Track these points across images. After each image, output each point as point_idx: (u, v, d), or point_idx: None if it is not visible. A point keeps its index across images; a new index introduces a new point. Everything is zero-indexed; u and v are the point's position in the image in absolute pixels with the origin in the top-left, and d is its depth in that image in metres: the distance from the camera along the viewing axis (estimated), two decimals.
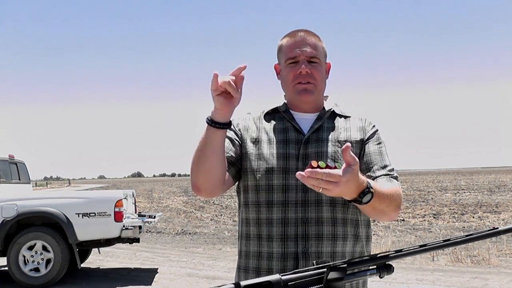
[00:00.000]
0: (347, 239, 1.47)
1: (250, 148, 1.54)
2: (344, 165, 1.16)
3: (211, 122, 1.34)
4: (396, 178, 1.50)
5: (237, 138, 1.55)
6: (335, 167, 1.16)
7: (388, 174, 1.49)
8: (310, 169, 1.14)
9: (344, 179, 1.15)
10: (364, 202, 1.28)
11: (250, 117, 1.62)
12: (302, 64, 1.48)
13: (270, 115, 1.60)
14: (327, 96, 1.64)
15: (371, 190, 1.28)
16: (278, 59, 1.59)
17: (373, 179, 1.45)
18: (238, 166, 1.54)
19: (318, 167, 1.15)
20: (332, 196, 1.32)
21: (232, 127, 1.52)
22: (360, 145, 1.53)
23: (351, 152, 1.16)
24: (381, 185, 1.39)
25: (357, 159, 1.18)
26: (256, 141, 1.54)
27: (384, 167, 1.50)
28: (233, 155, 1.52)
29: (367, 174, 1.47)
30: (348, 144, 1.15)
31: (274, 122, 1.57)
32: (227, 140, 1.50)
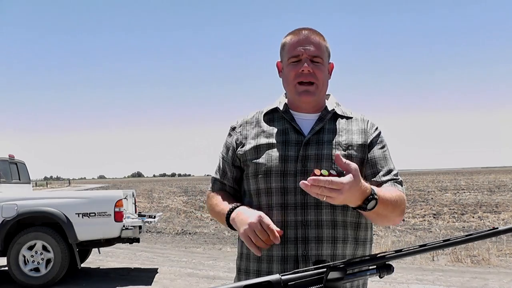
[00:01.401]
0: (347, 242, 1.45)
1: (250, 153, 1.52)
2: (345, 173, 1.18)
3: (230, 227, 1.45)
4: (400, 183, 1.49)
5: (232, 159, 1.58)
6: (338, 175, 1.18)
7: (393, 179, 1.48)
8: (313, 177, 1.15)
9: (347, 186, 1.16)
10: (369, 209, 1.28)
11: (248, 119, 1.60)
12: (304, 62, 1.46)
13: (269, 115, 1.58)
14: (329, 95, 1.61)
15: (375, 196, 1.28)
16: (281, 56, 1.57)
17: (379, 184, 1.45)
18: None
19: (321, 175, 1.16)
20: (336, 203, 1.32)
21: (232, 140, 1.59)
22: (362, 149, 1.50)
23: (344, 160, 1.18)
24: (386, 191, 1.39)
25: (354, 165, 1.19)
26: (255, 145, 1.52)
27: (389, 172, 1.49)
28: (234, 177, 1.59)
29: (372, 179, 1.47)
30: (338, 153, 1.19)
31: (274, 123, 1.55)
32: (223, 163, 1.61)
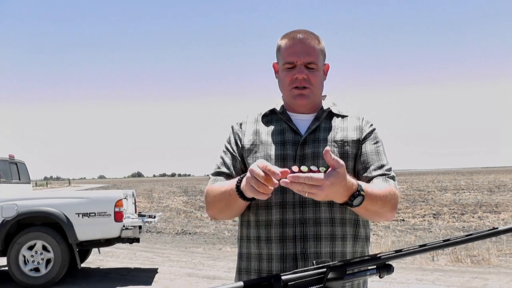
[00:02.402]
0: (346, 239, 1.46)
1: (249, 152, 1.54)
2: (329, 169, 1.17)
3: (242, 197, 1.36)
4: (393, 178, 1.49)
5: (237, 153, 1.56)
6: (319, 171, 1.17)
7: (385, 174, 1.48)
8: (291, 174, 1.15)
9: (327, 182, 1.15)
10: (355, 205, 1.28)
11: (248, 120, 1.62)
12: (299, 69, 1.48)
13: (267, 117, 1.61)
14: (325, 96, 1.63)
15: (362, 192, 1.27)
16: (277, 58, 1.58)
17: (370, 179, 1.46)
18: None
19: (300, 171, 1.16)
20: (319, 200, 1.32)
21: (234, 136, 1.59)
22: (357, 145, 1.52)
23: (333, 155, 1.17)
24: (375, 186, 1.39)
25: (342, 162, 1.18)
26: (254, 145, 1.54)
27: (381, 167, 1.49)
28: (238, 172, 1.55)
29: (363, 174, 1.48)
30: (328, 148, 1.16)
31: (272, 124, 1.58)
32: (229, 156, 1.57)
